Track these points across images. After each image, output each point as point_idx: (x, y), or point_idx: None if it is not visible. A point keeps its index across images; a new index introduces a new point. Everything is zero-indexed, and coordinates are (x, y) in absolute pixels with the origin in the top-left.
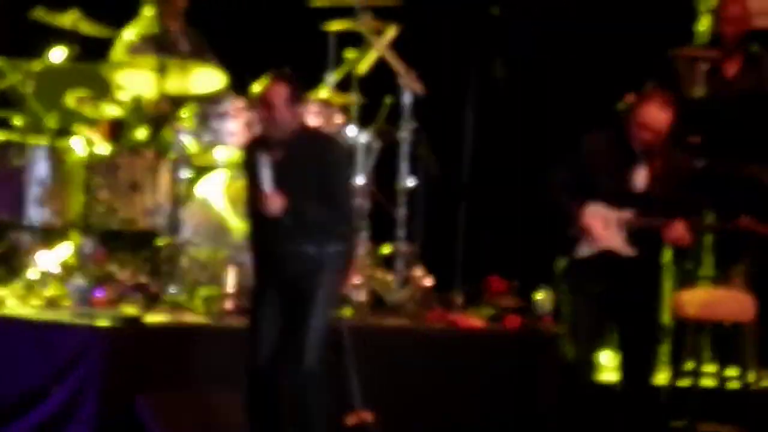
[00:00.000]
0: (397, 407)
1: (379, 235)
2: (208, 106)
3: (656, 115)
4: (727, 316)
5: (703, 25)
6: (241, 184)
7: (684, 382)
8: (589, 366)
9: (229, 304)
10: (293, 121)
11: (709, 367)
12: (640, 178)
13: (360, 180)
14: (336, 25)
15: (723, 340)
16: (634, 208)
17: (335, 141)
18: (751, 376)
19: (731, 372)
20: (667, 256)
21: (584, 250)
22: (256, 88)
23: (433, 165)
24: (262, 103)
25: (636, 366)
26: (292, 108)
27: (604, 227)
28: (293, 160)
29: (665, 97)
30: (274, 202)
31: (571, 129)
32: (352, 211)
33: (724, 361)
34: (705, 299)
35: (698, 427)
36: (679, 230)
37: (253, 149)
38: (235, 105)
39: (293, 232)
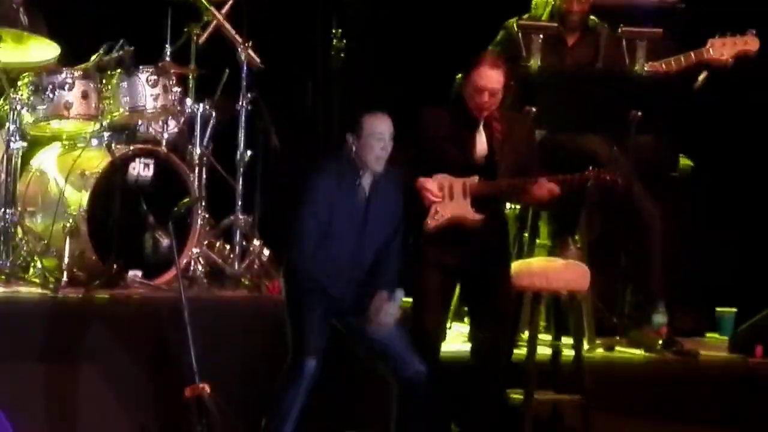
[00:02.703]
0: (235, 378)
1: (218, 207)
2: (43, 77)
3: (489, 74)
4: (562, 286)
5: None
6: (76, 154)
7: (520, 352)
8: (438, 337)
9: (66, 276)
10: None
11: (546, 337)
12: (481, 144)
13: (197, 151)
14: None
15: (559, 310)
16: (478, 174)
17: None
18: (587, 346)
19: (567, 341)
20: None
21: (432, 222)
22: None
23: (272, 137)
24: None
25: (487, 336)
26: None
27: (450, 196)
28: None
29: (495, 58)
30: None
31: (412, 100)
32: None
33: (560, 331)
34: (542, 269)
35: (535, 397)
36: (545, 186)
37: None
38: (71, 76)
39: None
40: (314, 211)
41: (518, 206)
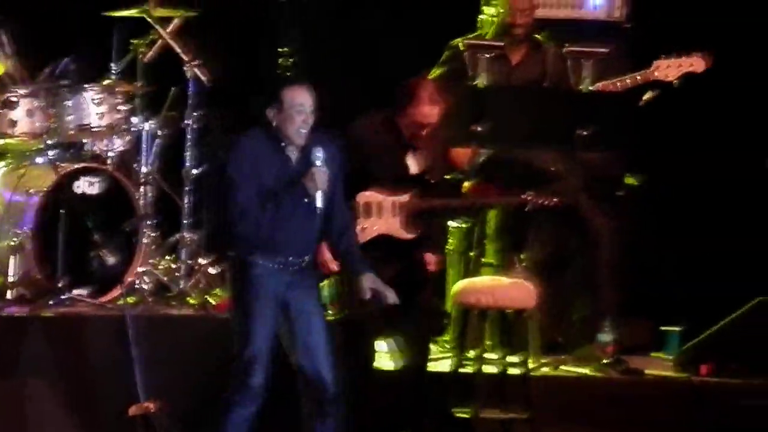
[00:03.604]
0: (181, 396)
1: (166, 223)
2: None
3: (429, 112)
4: (509, 304)
5: (486, 13)
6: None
7: (467, 370)
8: (369, 353)
9: (11, 294)
10: None
11: (492, 354)
12: (413, 161)
13: (145, 168)
14: (120, 12)
15: (506, 328)
16: (412, 191)
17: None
18: (533, 363)
19: (513, 359)
20: (451, 244)
21: (361, 237)
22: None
23: (221, 153)
24: None
25: (415, 351)
26: None
27: (378, 213)
28: None
29: (434, 92)
30: None
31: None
32: None
33: (507, 348)
34: (488, 287)
35: (481, 414)
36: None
37: None
38: (16, 94)
39: None
40: (240, 166)
41: (465, 225)
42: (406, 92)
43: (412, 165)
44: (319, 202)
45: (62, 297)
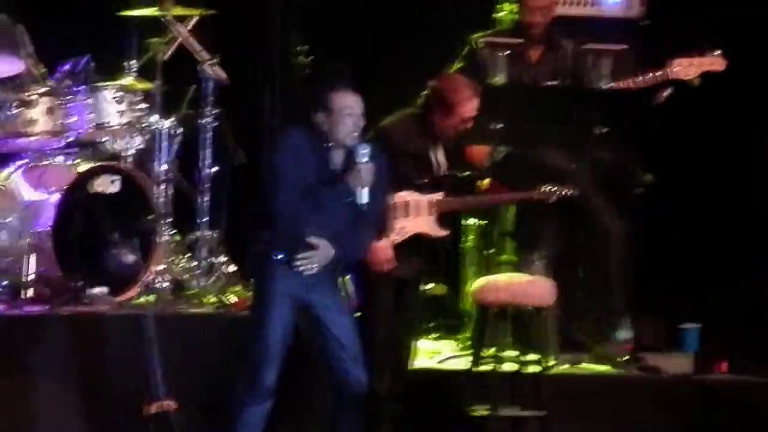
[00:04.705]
0: (200, 395)
1: (183, 222)
2: (8, 93)
3: (474, 105)
4: (527, 301)
5: (503, 11)
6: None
7: (485, 368)
8: (401, 351)
9: (29, 292)
10: None
11: (510, 352)
12: (440, 159)
13: (163, 167)
14: (137, 11)
15: (524, 326)
16: (442, 190)
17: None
18: (551, 361)
19: (531, 356)
20: (468, 241)
21: (396, 237)
22: None
23: (237, 151)
24: None
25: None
26: None
27: (416, 213)
28: None
29: (475, 85)
30: None
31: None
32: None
33: (524, 346)
34: (506, 285)
35: (498, 412)
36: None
37: None
38: (36, 92)
39: None
40: (282, 164)
41: (482, 222)
42: (445, 90)
43: (442, 163)
44: (364, 198)
45: (80, 296)
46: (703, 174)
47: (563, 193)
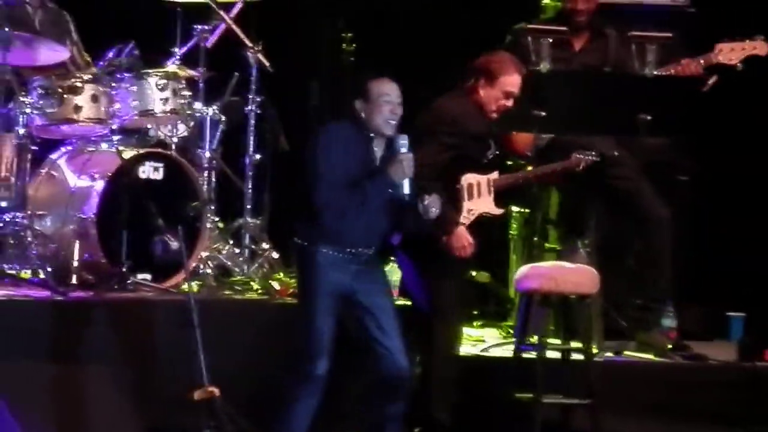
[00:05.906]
0: (245, 381)
1: (226, 209)
2: (53, 80)
3: (518, 80)
4: (572, 289)
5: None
6: (85, 157)
7: (529, 355)
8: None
9: (75, 279)
10: None
11: (554, 340)
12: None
13: (207, 154)
14: None
15: (568, 313)
16: (498, 169)
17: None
18: (594, 349)
19: (575, 344)
20: (514, 229)
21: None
22: None
23: (281, 139)
24: None
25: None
26: None
27: (478, 194)
28: None
29: (519, 62)
30: None
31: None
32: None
33: (568, 334)
34: (550, 272)
35: (543, 400)
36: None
37: None
38: (81, 80)
39: None
40: (327, 156)
41: (527, 210)
42: (490, 62)
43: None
44: (406, 189)
45: (126, 282)
46: (750, 162)
47: (591, 157)
